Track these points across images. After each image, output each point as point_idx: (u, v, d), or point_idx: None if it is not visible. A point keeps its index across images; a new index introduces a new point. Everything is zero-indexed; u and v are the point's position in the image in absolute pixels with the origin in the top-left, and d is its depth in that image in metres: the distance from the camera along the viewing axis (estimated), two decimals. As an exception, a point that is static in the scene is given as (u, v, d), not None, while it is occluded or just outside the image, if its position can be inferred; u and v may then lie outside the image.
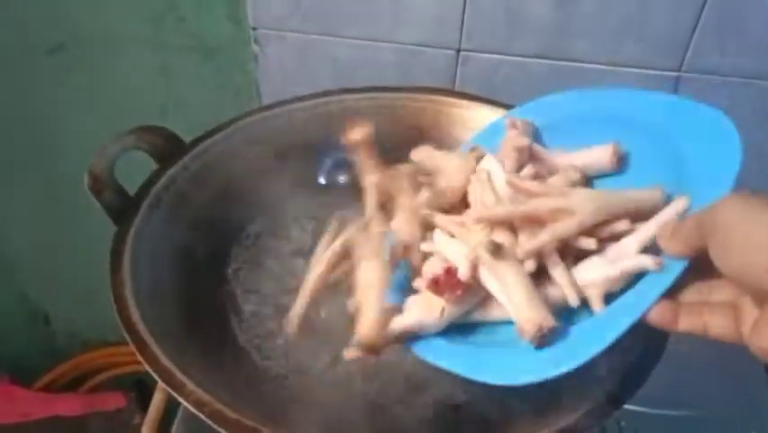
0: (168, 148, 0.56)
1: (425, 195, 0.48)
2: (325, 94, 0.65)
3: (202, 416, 0.37)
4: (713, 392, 0.59)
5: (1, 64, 0.84)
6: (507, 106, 0.61)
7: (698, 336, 0.35)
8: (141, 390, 1.20)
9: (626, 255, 0.39)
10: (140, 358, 0.40)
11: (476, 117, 0.63)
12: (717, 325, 0.33)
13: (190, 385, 0.38)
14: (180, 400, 0.38)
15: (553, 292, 0.40)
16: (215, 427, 0.36)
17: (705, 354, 0.62)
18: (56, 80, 0.85)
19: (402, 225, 0.45)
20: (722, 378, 0.60)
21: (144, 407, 1.13)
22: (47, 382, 1.20)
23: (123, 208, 0.50)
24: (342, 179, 0.63)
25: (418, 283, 0.43)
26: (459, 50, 0.72)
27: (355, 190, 0.51)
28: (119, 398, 1.16)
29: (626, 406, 0.39)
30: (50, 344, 1.23)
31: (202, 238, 0.56)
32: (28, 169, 0.96)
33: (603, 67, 0.70)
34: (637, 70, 0.70)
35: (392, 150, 0.65)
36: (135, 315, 0.43)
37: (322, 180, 0.64)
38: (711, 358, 0.62)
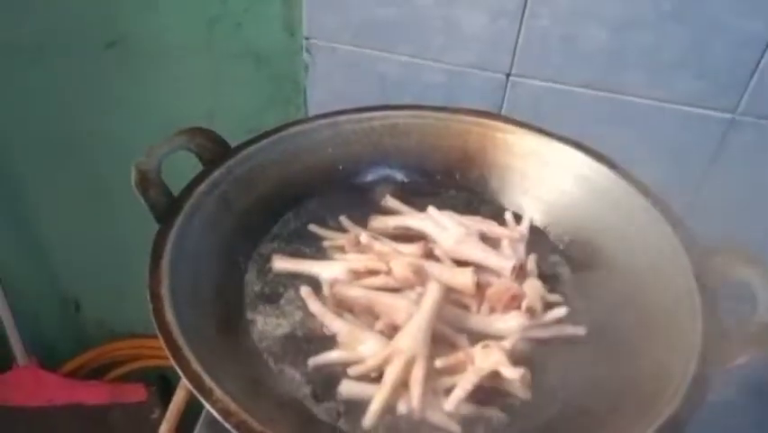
0: (214, 151, 0.57)
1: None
2: (371, 109, 0.65)
3: (228, 425, 0.37)
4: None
5: (60, 56, 0.86)
6: (555, 136, 0.61)
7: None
8: (163, 385, 1.21)
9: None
10: (171, 360, 0.40)
11: (521, 143, 0.62)
12: None
13: (218, 393, 0.38)
14: (207, 406, 0.38)
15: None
16: (240, 437, 0.36)
17: (735, 409, 0.60)
18: (108, 81, 0.87)
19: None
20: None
21: (165, 402, 1.14)
22: (72, 369, 1.22)
23: (166, 208, 0.51)
24: (378, 192, 0.63)
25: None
26: (509, 75, 0.72)
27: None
28: (140, 391, 1.18)
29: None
30: (78, 331, 1.25)
31: (242, 243, 0.56)
32: (74, 159, 0.98)
33: (653, 102, 0.69)
34: (689, 108, 0.68)
35: (434, 171, 0.65)
36: (170, 315, 0.43)
37: (362, 193, 0.64)
38: (743, 413, 0.60)
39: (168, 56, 0.83)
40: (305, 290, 0.52)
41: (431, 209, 0.60)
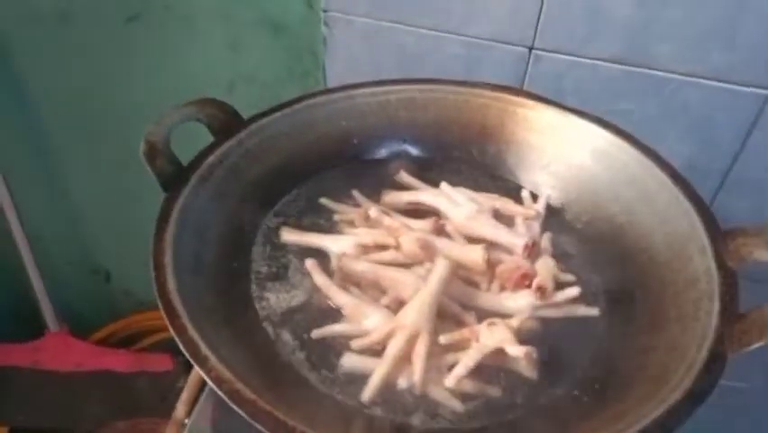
0: (226, 123, 0.57)
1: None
2: (388, 82, 0.63)
3: (220, 392, 0.37)
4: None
5: (85, 27, 0.87)
6: (576, 111, 0.59)
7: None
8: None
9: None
10: (168, 326, 0.40)
11: (541, 119, 0.60)
12: None
13: (213, 360, 0.38)
14: (202, 373, 0.38)
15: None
16: (231, 404, 0.36)
17: (759, 394, 0.58)
18: (131, 51, 0.88)
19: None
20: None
21: (189, 371, 1.16)
22: (102, 337, 1.26)
23: (174, 178, 0.51)
24: (392, 166, 0.62)
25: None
26: (531, 48, 0.69)
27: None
28: (167, 360, 1.20)
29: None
30: (108, 300, 1.28)
31: (250, 215, 0.56)
32: (103, 130, 1.00)
33: (682, 77, 0.66)
34: (721, 84, 0.65)
35: (450, 146, 0.64)
36: (171, 283, 0.43)
37: (375, 167, 0.63)
38: (761, 400, 0.58)
39: (189, 26, 0.83)
40: (310, 262, 0.52)
41: (444, 185, 0.58)
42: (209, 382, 0.37)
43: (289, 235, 0.55)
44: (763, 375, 0.59)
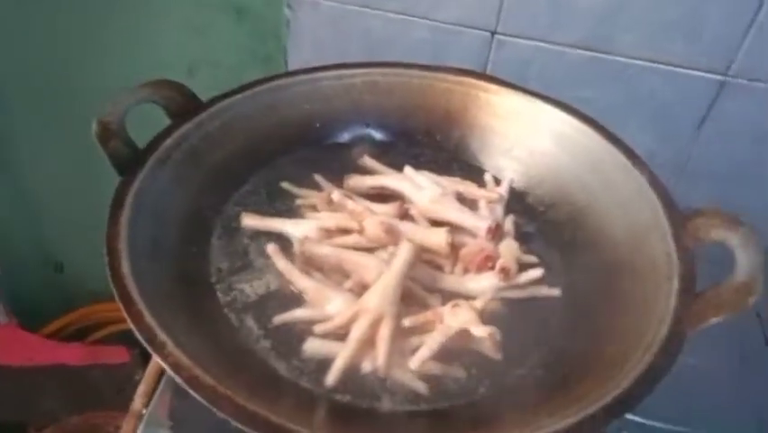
0: (184, 105, 0.55)
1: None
2: (352, 66, 0.63)
3: (178, 379, 0.35)
4: (721, 411, 0.56)
5: (37, 10, 0.84)
6: (539, 96, 0.59)
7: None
8: (145, 347, 1.20)
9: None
10: (123, 313, 0.39)
11: (503, 103, 0.60)
12: None
13: (170, 346, 0.37)
14: (158, 359, 0.36)
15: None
16: (190, 391, 0.35)
17: (716, 371, 0.59)
18: (90, 31, 0.84)
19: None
20: (732, 396, 0.58)
21: (146, 363, 1.13)
22: (54, 330, 1.22)
23: (129, 161, 0.49)
24: (355, 151, 0.61)
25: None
26: (494, 33, 0.69)
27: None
28: (123, 352, 1.17)
29: (628, 416, 0.37)
30: (60, 292, 1.24)
31: (210, 199, 0.55)
32: (55, 114, 0.96)
33: (645, 63, 0.67)
34: (681, 70, 0.66)
35: (415, 130, 0.63)
36: (126, 268, 0.41)
37: (338, 151, 0.62)
38: (722, 375, 0.59)
39: (149, 8, 0.81)
40: (271, 247, 0.51)
41: (408, 169, 0.58)
42: (167, 369, 0.36)
43: (250, 220, 0.54)
44: (719, 353, 0.60)
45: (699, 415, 0.55)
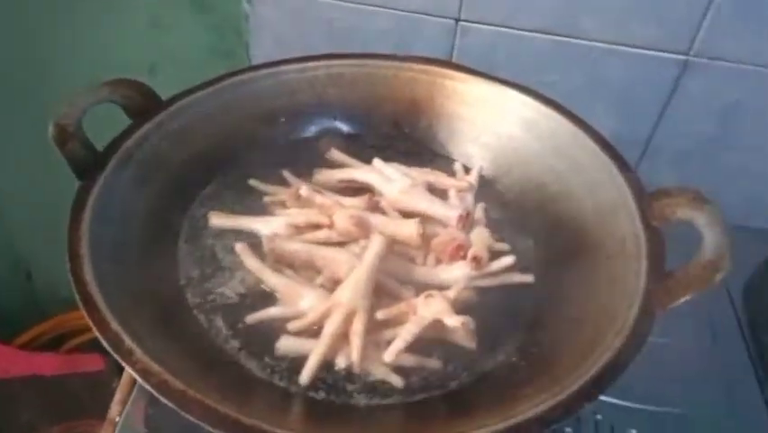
0: (144, 104, 0.53)
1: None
2: (315, 58, 0.62)
3: (147, 385, 0.35)
4: (694, 389, 0.57)
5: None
6: (505, 82, 0.58)
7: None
8: (118, 354, 1.18)
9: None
10: (88, 320, 0.38)
11: (469, 91, 0.60)
12: None
13: (138, 353, 0.36)
14: (127, 367, 0.36)
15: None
16: (159, 397, 0.34)
17: (688, 350, 0.60)
18: (43, 29, 0.82)
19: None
20: (705, 374, 0.58)
21: (122, 370, 1.11)
22: (27, 340, 1.19)
23: (89, 163, 0.48)
24: (323, 144, 0.60)
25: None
26: (458, 20, 0.69)
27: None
28: (98, 360, 1.15)
29: (603, 398, 0.37)
30: (31, 301, 1.22)
31: (175, 200, 0.54)
32: (14, 117, 0.93)
33: (609, 46, 0.67)
34: (644, 51, 0.66)
35: (381, 121, 0.63)
36: (89, 274, 0.40)
37: (305, 146, 0.61)
38: (694, 353, 0.60)
39: (105, 4, 0.79)
40: (240, 246, 0.50)
41: (376, 161, 0.57)
42: (135, 376, 0.35)
43: (218, 219, 0.53)
44: (692, 331, 0.61)
45: (672, 394, 0.55)
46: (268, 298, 0.47)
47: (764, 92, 0.67)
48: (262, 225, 0.52)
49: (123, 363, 0.36)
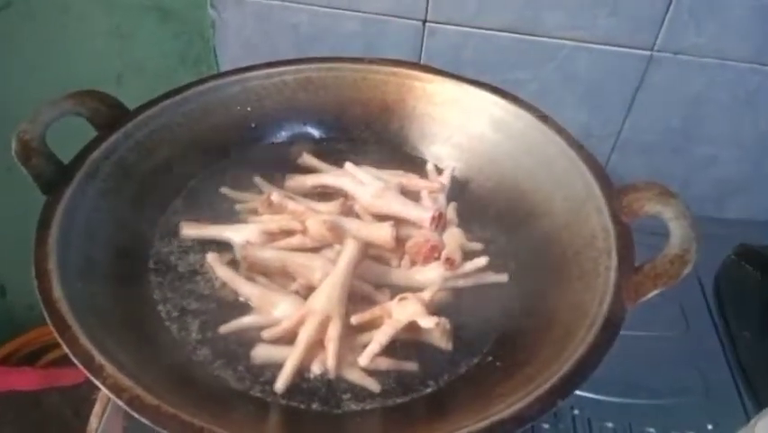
0: (110, 115, 0.53)
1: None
2: (282, 63, 0.61)
3: (119, 402, 0.34)
4: (669, 379, 0.58)
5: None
6: (474, 82, 0.59)
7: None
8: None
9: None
10: (57, 337, 0.37)
11: (441, 92, 0.60)
12: None
13: (109, 369, 0.36)
14: (98, 384, 0.35)
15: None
16: (134, 413, 0.34)
17: (662, 339, 0.61)
18: (4, 43, 0.80)
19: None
20: (679, 363, 0.59)
21: (103, 383, 1.10)
22: (3, 356, 1.17)
23: (54, 178, 0.47)
24: (294, 150, 0.60)
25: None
26: (425, 22, 0.69)
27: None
28: (76, 373, 1.13)
29: (578, 392, 0.38)
30: (6, 316, 1.19)
31: (145, 212, 0.53)
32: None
33: (574, 43, 0.68)
34: (609, 48, 0.67)
35: (352, 125, 0.62)
36: (57, 291, 0.40)
37: (276, 152, 0.61)
38: (668, 343, 0.61)
39: (66, 14, 0.77)
40: (211, 256, 0.50)
41: (348, 165, 0.57)
42: (106, 392, 0.35)
43: (189, 229, 0.52)
44: (665, 322, 0.62)
45: (648, 384, 0.56)
46: (241, 307, 0.47)
47: (727, 84, 0.68)
48: (234, 234, 0.52)
49: (94, 380, 0.35)
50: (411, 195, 0.56)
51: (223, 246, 0.52)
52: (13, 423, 1.11)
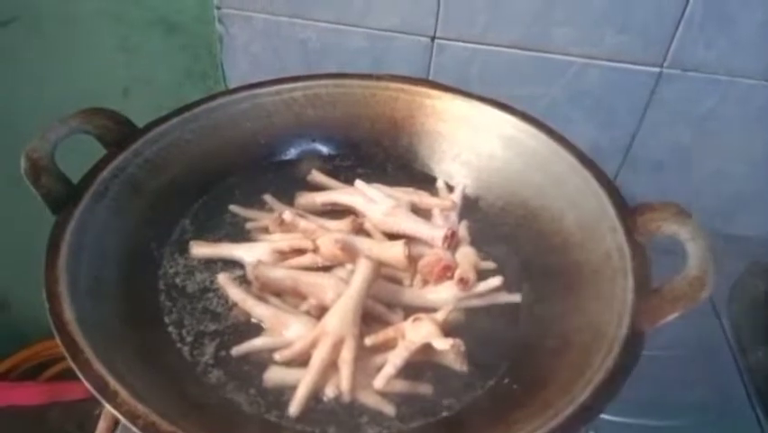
0: (119, 132, 0.52)
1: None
2: (291, 80, 0.61)
3: (135, 428, 0.34)
4: (684, 399, 0.57)
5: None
6: (484, 99, 0.59)
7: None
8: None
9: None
10: (70, 362, 0.36)
11: (450, 109, 0.60)
12: None
13: (123, 394, 0.35)
14: (112, 410, 0.35)
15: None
16: (148, 440, 0.33)
17: (674, 359, 0.60)
18: (7, 57, 0.80)
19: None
20: (692, 383, 0.59)
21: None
22: (5, 370, 1.16)
23: (63, 197, 0.46)
24: (303, 167, 0.60)
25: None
26: (434, 38, 0.69)
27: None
28: (79, 387, 1.12)
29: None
30: (9, 330, 1.19)
31: (154, 231, 0.53)
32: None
33: (583, 60, 0.67)
34: (618, 64, 0.67)
35: (361, 142, 0.62)
36: (69, 314, 0.39)
37: (286, 169, 0.61)
38: (681, 363, 0.61)
39: (73, 29, 0.77)
40: (222, 277, 0.49)
41: (358, 183, 0.57)
42: (121, 419, 0.34)
43: (199, 249, 0.52)
44: (675, 340, 0.62)
45: (663, 405, 0.55)
46: (253, 328, 0.47)
47: (737, 100, 0.68)
48: (245, 253, 0.51)
49: (109, 407, 0.35)
50: (422, 213, 0.55)
51: (229, 265, 0.51)
52: (14, 438, 1.10)
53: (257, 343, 0.45)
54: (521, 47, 0.68)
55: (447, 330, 0.45)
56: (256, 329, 0.46)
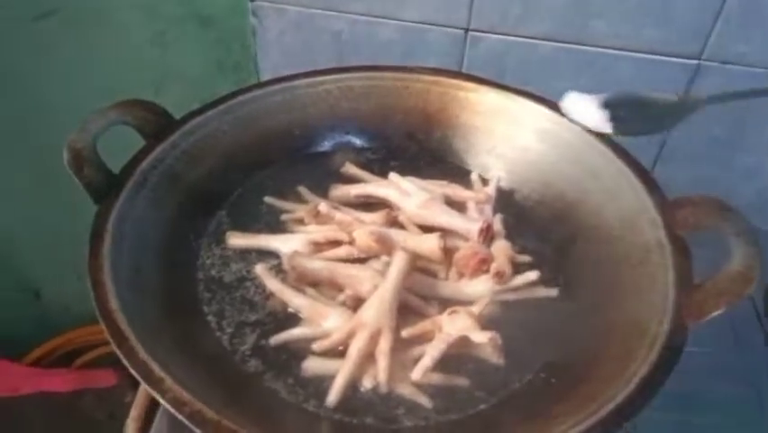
0: (157, 124, 0.53)
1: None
2: (324, 72, 0.61)
3: (180, 416, 0.34)
4: (722, 395, 0.56)
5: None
6: (518, 91, 0.58)
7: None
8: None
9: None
10: (116, 350, 0.37)
11: (483, 101, 0.60)
12: None
13: (168, 382, 0.36)
14: (158, 397, 0.35)
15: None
16: (193, 427, 0.34)
17: (712, 356, 0.60)
18: (44, 50, 0.81)
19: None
20: (731, 381, 0.58)
21: (137, 384, 1.10)
22: (37, 357, 1.18)
23: (105, 187, 0.47)
24: (337, 159, 0.60)
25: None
26: (467, 30, 0.68)
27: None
28: (110, 375, 1.14)
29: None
30: (41, 318, 1.21)
31: (192, 221, 0.53)
32: (14, 141, 0.93)
33: (619, 52, 0.67)
34: (655, 57, 0.66)
35: (395, 134, 0.62)
36: (114, 303, 0.40)
37: (320, 161, 0.61)
38: (719, 360, 0.60)
39: (108, 22, 0.78)
40: (260, 268, 0.50)
41: (393, 175, 0.57)
42: (167, 406, 0.35)
43: (236, 239, 0.52)
44: (713, 336, 0.61)
45: (701, 402, 0.55)
46: (291, 318, 0.47)
47: (776, 93, 0.66)
48: (281, 244, 0.52)
49: (155, 393, 0.35)
50: (456, 205, 0.55)
51: (264, 255, 0.51)
52: (47, 426, 1.12)
53: (295, 333, 0.46)
54: (556, 39, 0.67)
55: (483, 323, 0.45)
56: (293, 319, 0.47)
